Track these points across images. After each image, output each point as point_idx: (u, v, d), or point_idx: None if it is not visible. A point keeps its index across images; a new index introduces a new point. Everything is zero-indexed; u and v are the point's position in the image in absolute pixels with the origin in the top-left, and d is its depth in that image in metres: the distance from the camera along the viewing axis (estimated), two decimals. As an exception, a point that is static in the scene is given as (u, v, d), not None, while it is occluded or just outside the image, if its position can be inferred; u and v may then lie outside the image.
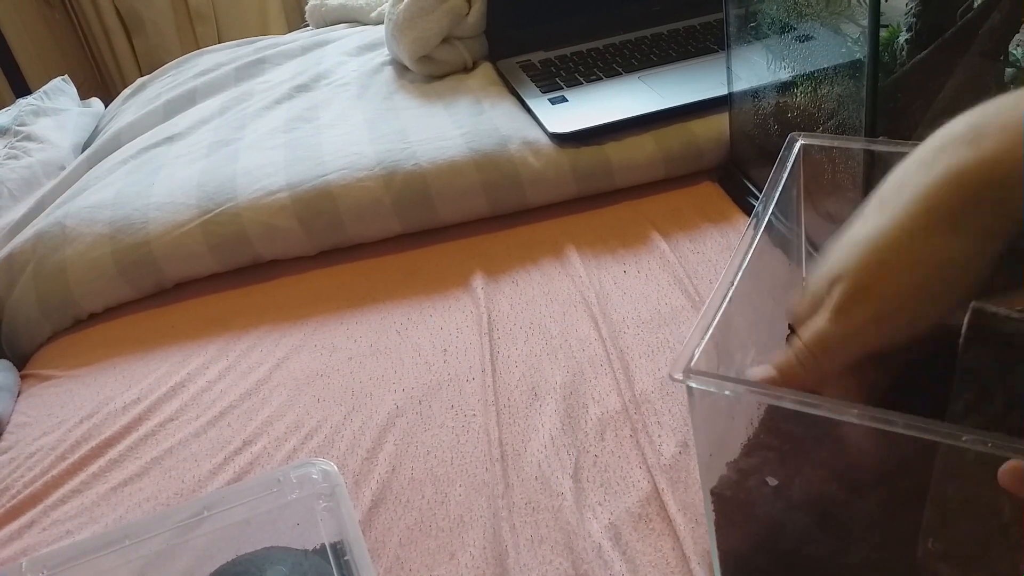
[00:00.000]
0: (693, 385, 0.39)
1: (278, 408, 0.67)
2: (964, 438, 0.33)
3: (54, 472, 0.64)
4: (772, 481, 0.42)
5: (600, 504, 0.55)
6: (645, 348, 0.67)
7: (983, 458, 0.32)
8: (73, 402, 0.72)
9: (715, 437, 0.44)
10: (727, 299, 0.42)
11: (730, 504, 0.44)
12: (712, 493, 0.44)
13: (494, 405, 0.63)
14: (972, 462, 0.34)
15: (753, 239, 0.46)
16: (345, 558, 0.49)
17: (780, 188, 0.49)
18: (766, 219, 0.47)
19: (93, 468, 0.64)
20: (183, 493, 0.61)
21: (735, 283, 0.43)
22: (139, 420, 0.68)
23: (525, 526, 0.54)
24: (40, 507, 0.62)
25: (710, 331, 0.40)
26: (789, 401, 0.37)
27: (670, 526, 0.52)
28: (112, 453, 0.65)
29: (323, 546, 0.50)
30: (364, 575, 0.47)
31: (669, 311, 0.70)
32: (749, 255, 0.45)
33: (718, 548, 0.47)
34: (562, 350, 0.68)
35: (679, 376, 0.38)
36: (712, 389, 0.39)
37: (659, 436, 0.59)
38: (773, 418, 0.45)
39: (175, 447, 0.65)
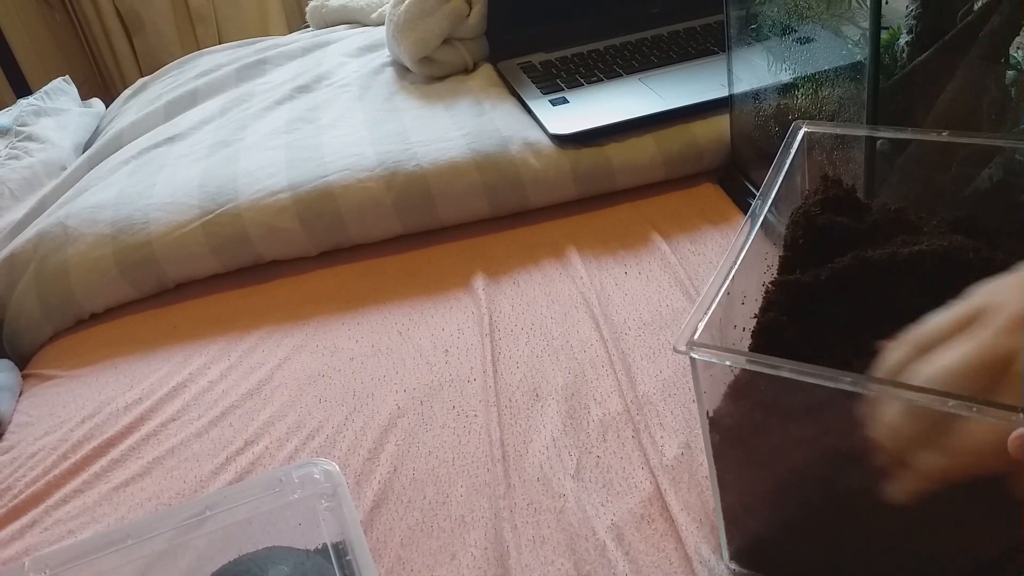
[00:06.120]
0: (696, 356, 0.40)
1: (280, 408, 0.67)
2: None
3: (56, 472, 0.64)
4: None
5: (602, 505, 0.55)
6: (647, 349, 0.67)
7: None
8: (75, 402, 0.72)
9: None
10: (730, 277, 0.43)
11: (729, 449, 0.45)
12: (714, 448, 0.45)
13: (495, 406, 0.63)
14: None
15: (754, 226, 0.46)
16: (347, 558, 0.49)
17: (784, 173, 0.49)
18: (767, 205, 0.48)
19: (95, 468, 0.64)
20: (185, 493, 0.61)
21: (739, 261, 0.44)
22: (141, 420, 0.68)
23: (527, 526, 0.54)
24: (42, 507, 0.62)
25: (712, 306, 0.41)
26: (787, 371, 0.38)
27: (673, 526, 0.52)
28: (114, 453, 0.66)
29: (325, 546, 0.50)
30: (366, 575, 0.47)
31: (670, 312, 0.70)
32: (752, 237, 0.46)
33: (723, 511, 0.47)
34: (563, 351, 0.68)
35: (683, 348, 0.40)
36: (713, 360, 0.40)
37: (661, 437, 0.59)
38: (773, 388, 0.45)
39: (177, 447, 0.65)
